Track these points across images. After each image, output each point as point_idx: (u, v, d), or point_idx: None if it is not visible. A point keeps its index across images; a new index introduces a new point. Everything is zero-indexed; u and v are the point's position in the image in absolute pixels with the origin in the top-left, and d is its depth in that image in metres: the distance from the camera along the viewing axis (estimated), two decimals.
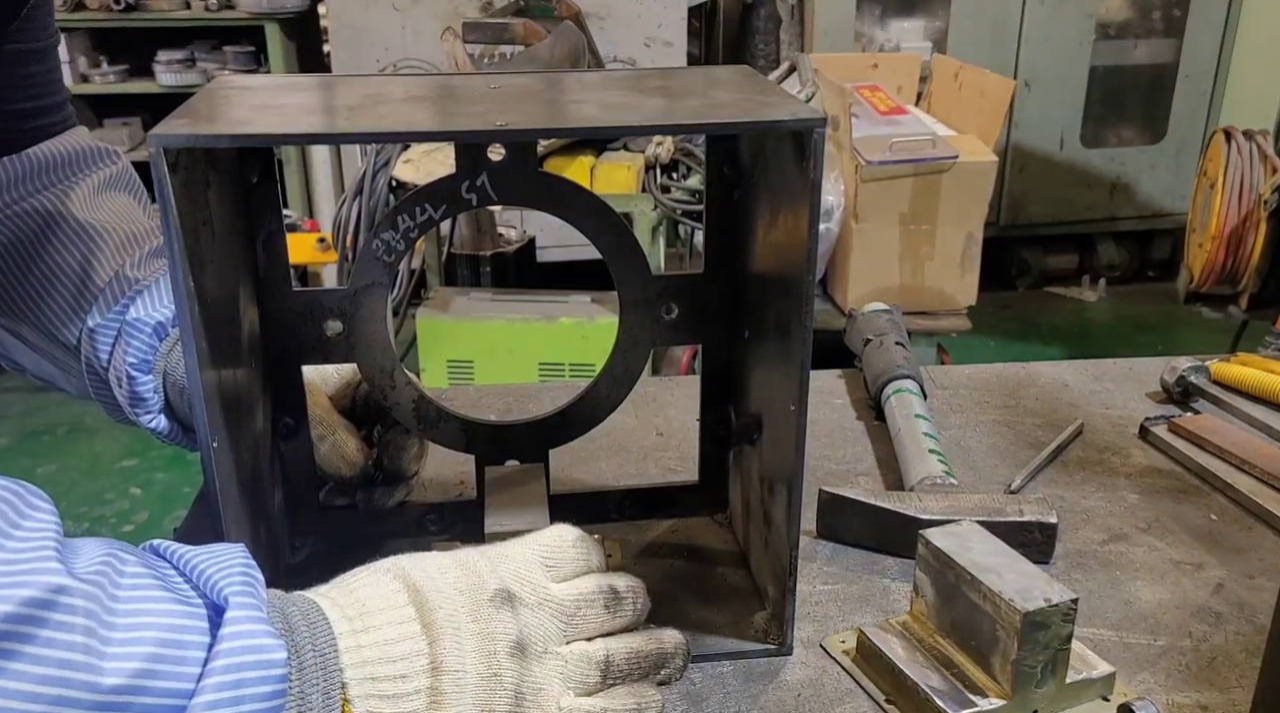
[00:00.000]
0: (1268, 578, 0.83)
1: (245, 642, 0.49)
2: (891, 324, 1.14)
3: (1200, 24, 4.04)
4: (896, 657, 0.71)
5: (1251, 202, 2.86)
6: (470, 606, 0.57)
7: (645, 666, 0.62)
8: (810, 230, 0.65)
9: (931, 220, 2.59)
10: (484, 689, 0.56)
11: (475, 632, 0.57)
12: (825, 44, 3.83)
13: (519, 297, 2.52)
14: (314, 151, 3.92)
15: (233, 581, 0.51)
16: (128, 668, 0.46)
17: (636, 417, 1.07)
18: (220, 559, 0.52)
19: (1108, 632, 0.77)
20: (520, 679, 0.58)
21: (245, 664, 0.48)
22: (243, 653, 0.49)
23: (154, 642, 0.47)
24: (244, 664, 0.48)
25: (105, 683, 0.45)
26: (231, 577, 0.51)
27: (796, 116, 0.64)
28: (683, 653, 0.64)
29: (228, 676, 0.48)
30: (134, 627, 0.47)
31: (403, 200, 0.75)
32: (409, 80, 0.76)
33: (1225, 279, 2.97)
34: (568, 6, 2.76)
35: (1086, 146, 4.12)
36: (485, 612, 0.58)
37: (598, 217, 0.78)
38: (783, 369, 0.71)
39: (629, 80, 0.80)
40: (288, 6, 3.89)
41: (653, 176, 2.42)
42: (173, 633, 0.48)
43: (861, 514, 0.86)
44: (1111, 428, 1.06)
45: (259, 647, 0.49)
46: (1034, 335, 3.93)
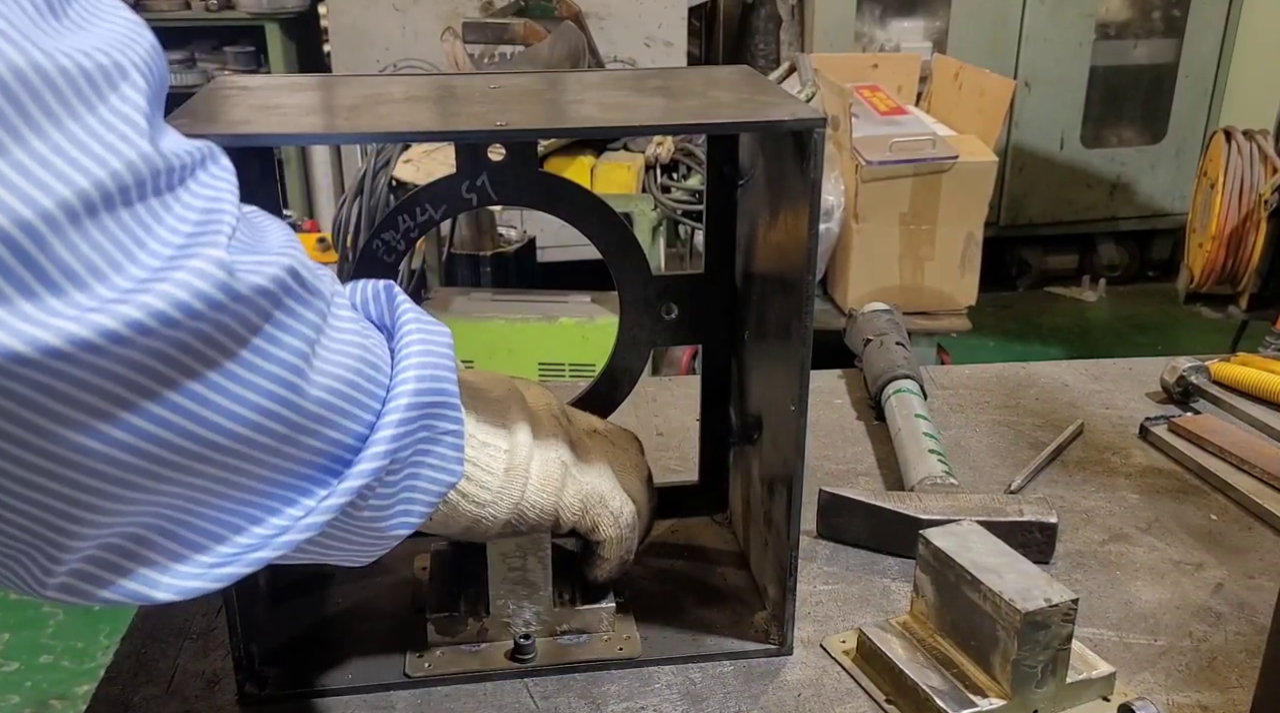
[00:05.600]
0: (1268, 578, 0.83)
1: (424, 322, 0.58)
2: (891, 324, 1.14)
3: (1200, 24, 4.04)
4: (896, 657, 0.71)
5: (1251, 202, 2.86)
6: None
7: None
8: (810, 230, 0.65)
9: (931, 220, 2.59)
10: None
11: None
12: (825, 44, 3.83)
13: (519, 297, 2.52)
14: (314, 151, 3.92)
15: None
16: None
17: (636, 417, 1.07)
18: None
19: (1108, 632, 0.77)
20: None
21: (430, 331, 0.57)
22: (425, 322, 0.57)
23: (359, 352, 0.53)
24: (429, 330, 0.57)
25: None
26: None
27: (796, 116, 0.64)
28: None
29: (423, 331, 0.56)
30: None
31: (403, 200, 0.75)
32: (409, 80, 0.76)
33: (1225, 279, 2.97)
34: (568, 6, 2.76)
35: (1086, 146, 4.12)
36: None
37: (598, 217, 0.78)
38: (783, 369, 0.71)
39: (629, 80, 0.80)
40: (288, 6, 3.89)
41: (653, 176, 2.42)
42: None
43: (861, 514, 0.86)
44: (1111, 428, 1.06)
45: (432, 322, 0.58)
46: (1034, 335, 3.92)
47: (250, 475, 0.47)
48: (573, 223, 0.78)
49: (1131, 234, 4.30)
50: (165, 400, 0.41)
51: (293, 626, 0.77)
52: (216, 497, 0.47)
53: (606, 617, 0.75)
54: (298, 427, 0.48)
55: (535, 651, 0.73)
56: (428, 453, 0.56)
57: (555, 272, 2.94)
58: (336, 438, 0.50)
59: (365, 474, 0.51)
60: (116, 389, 0.39)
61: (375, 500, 0.54)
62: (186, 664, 0.74)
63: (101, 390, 0.39)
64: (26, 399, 0.37)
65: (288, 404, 0.47)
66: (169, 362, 0.41)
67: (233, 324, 0.43)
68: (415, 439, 0.54)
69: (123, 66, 0.41)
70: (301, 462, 0.49)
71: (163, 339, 0.40)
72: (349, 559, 0.58)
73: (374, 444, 0.52)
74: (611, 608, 0.75)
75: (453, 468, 0.58)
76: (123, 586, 0.46)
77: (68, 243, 0.38)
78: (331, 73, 3.58)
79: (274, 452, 0.47)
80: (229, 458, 0.45)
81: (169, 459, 0.43)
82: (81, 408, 0.39)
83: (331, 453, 0.51)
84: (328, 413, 0.49)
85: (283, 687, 0.71)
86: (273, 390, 0.46)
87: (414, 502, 0.57)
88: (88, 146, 0.38)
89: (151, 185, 0.41)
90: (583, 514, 0.70)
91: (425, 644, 0.74)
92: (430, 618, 0.74)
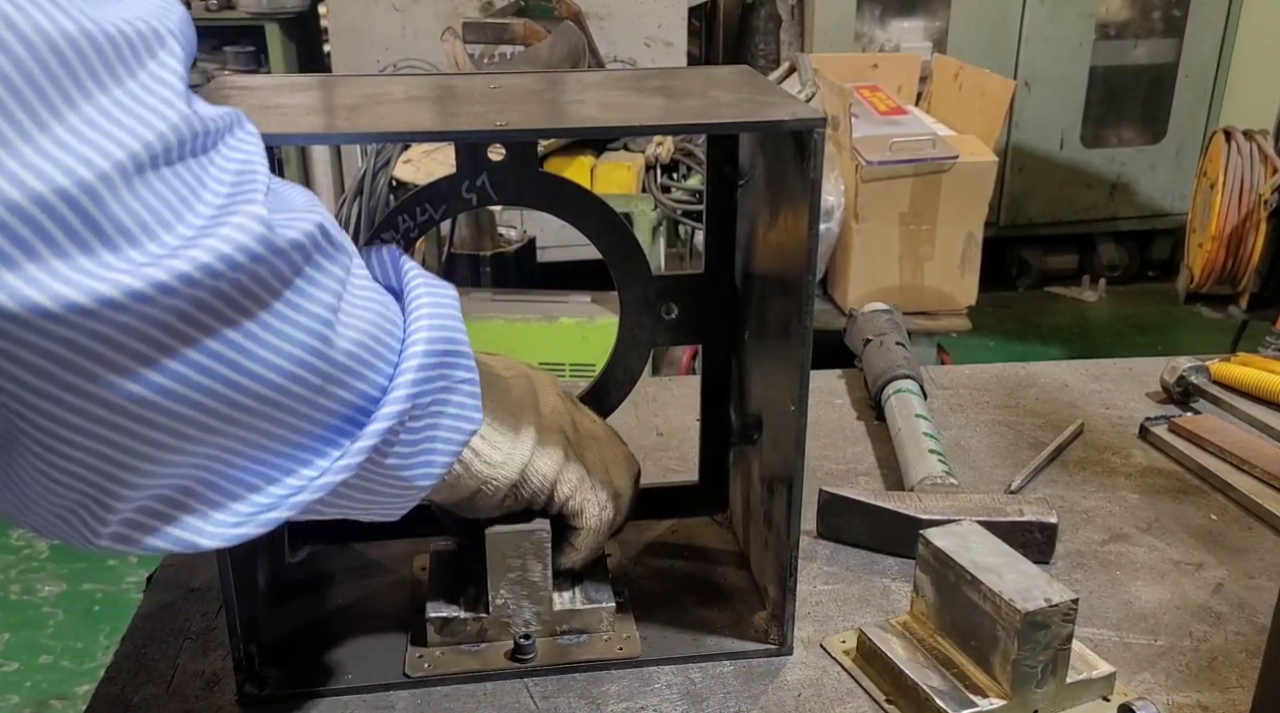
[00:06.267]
0: (1268, 578, 0.83)
1: (430, 280, 0.60)
2: (891, 324, 1.14)
3: (1200, 24, 4.04)
4: (896, 657, 0.71)
5: (1251, 202, 2.86)
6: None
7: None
8: (810, 230, 0.65)
9: (931, 220, 2.59)
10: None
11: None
12: (825, 44, 3.83)
13: (519, 297, 2.51)
14: (314, 151, 3.91)
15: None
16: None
17: (636, 417, 1.07)
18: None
19: (1108, 632, 0.77)
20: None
21: (437, 288, 0.59)
22: (431, 281, 0.59)
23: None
24: (436, 288, 0.59)
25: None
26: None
27: (796, 116, 0.64)
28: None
29: (430, 289, 0.58)
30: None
31: (403, 200, 0.75)
32: (409, 80, 0.76)
33: (1225, 279, 2.97)
34: (568, 6, 2.76)
35: (1086, 146, 4.11)
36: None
37: (598, 217, 0.78)
38: (783, 369, 0.71)
39: (629, 80, 0.80)
40: (288, 6, 3.89)
41: (653, 176, 2.42)
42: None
43: (861, 514, 0.86)
44: (1111, 428, 1.06)
45: (438, 280, 0.60)
46: (1034, 335, 3.92)
47: (287, 426, 0.50)
48: (573, 223, 0.78)
49: (1131, 234, 4.29)
50: (209, 349, 0.44)
51: (292, 626, 0.77)
52: (256, 447, 0.49)
53: (606, 617, 0.75)
54: (329, 377, 0.50)
55: (535, 651, 0.73)
56: (447, 402, 0.58)
57: (555, 272, 2.94)
58: (362, 389, 0.53)
59: (389, 417, 0.54)
60: (166, 338, 0.42)
61: (400, 448, 0.56)
62: (186, 664, 0.74)
63: (152, 339, 0.42)
64: (85, 348, 0.40)
65: (319, 355, 0.49)
66: (213, 312, 0.44)
67: (269, 277, 0.46)
68: (434, 387, 0.57)
69: (160, 33, 0.43)
70: (331, 412, 0.52)
71: (208, 290, 0.43)
72: (378, 512, 0.60)
73: (395, 390, 0.54)
74: (611, 608, 0.75)
75: (472, 415, 0.60)
76: (170, 533, 0.49)
77: (122, 202, 0.40)
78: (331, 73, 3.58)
79: (308, 402, 0.50)
80: (269, 407, 0.48)
81: (214, 408, 0.46)
82: (134, 356, 0.42)
83: (357, 404, 0.53)
84: (354, 364, 0.52)
85: (283, 687, 0.71)
86: (306, 341, 0.49)
87: (437, 451, 0.59)
88: (134, 110, 0.41)
89: (190, 146, 0.44)
90: (575, 493, 0.71)
91: (425, 644, 0.74)
92: (430, 618, 0.74)
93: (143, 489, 0.46)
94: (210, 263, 0.42)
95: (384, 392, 0.54)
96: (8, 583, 2.49)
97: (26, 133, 0.38)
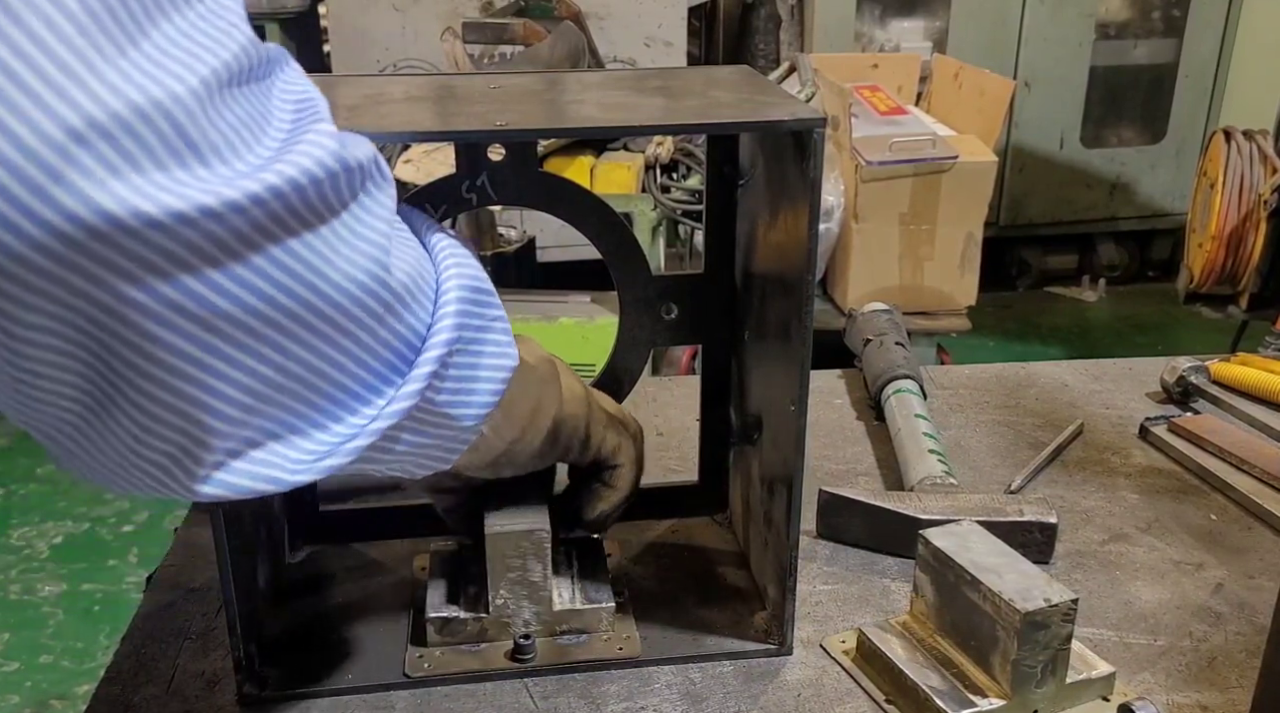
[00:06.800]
0: (1268, 578, 0.83)
1: (447, 232, 0.62)
2: (891, 324, 1.14)
3: (1200, 24, 4.04)
4: (896, 657, 0.71)
5: (1251, 202, 2.86)
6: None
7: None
8: (810, 230, 0.65)
9: (931, 220, 2.59)
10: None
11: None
12: (825, 44, 3.82)
13: (519, 297, 2.51)
14: None
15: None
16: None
17: (636, 417, 1.07)
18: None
19: (1108, 632, 0.77)
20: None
21: (456, 240, 0.61)
22: (449, 233, 0.62)
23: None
24: (454, 239, 0.61)
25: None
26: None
27: (796, 116, 0.64)
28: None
29: (449, 239, 0.61)
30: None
31: (403, 201, 0.75)
32: (409, 80, 0.76)
33: (1225, 279, 2.97)
34: (568, 6, 2.76)
35: (1086, 147, 4.11)
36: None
37: (598, 217, 0.78)
38: (783, 369, 0.71)
39: (629, 80, 0.80)
40: (288, 6, 3.88)
41: (653, 176, 2.42)
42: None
43: (861, 514, 0.86)
44: (1111, 428, 1.06)
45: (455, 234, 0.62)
46: (1034, 335, 3.92)
47: (361, 346, 0.52)
48: (573, 223, 0.78)
49: (1131, 234, 4.29)
50: (291, 250, 0.46)
51: (292, 626, 0.77)
52: (335, 367, 0.51)
53: (606, 617, 0.75)
54: (387, 305, 0.52)
55: (535, 651, 0.73)
56: (484, 340, 0.60)
57: (555, 272, 2.93)
58: (412, 323, 0.55)
59: (441, 345, 0.56)
60: (259, 238, 0.45)
61: (449, 383, 0.58)
62: (186, 664, 0.74)
63: (235, 251, 0.44)
64: (176, 256, 0.42)
65: (380, 280, 0.51)
66: (298, 218, 0.46)
67: (343, 190, 0.48)
68: (472, 325, 0.59)
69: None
70: (388, 345, 0.54)
71: (291, 201, 0.45)
72: (429, 460, 0.61)
73: (441, 320, 0.56)
74: (611, 608, 0.75)
75: (509, 351, 0.62)
76: (260, 472, 0.51)
77: (210, 118, 0.43)
78: (331, 73, 3.58)
79: (373, 326, 0.52)
80: (344, 321, 0.50)
81: (296, 312, 0.48)
82: (222, 266, 0.44)
83: (409, 339, 0.55)
84: (406, 296, 0.54)
85: (283, 687, 0.71)
86: (372, 256, 0.51)
87: (479, 390, 0.60)
88: (209, 31, 0.43)
89: (258, 70, 0.46)
90: (608, 432, 0.74)
91: (425, 644, 0.74)
92: (430, 618, 0.74)
93: (233, 423, 0.48)
94: (295, 177, 0.45)
95: (428, 329, 0.56)
96: (8, 583, 2.49)
97: (121, 46, 0.40)
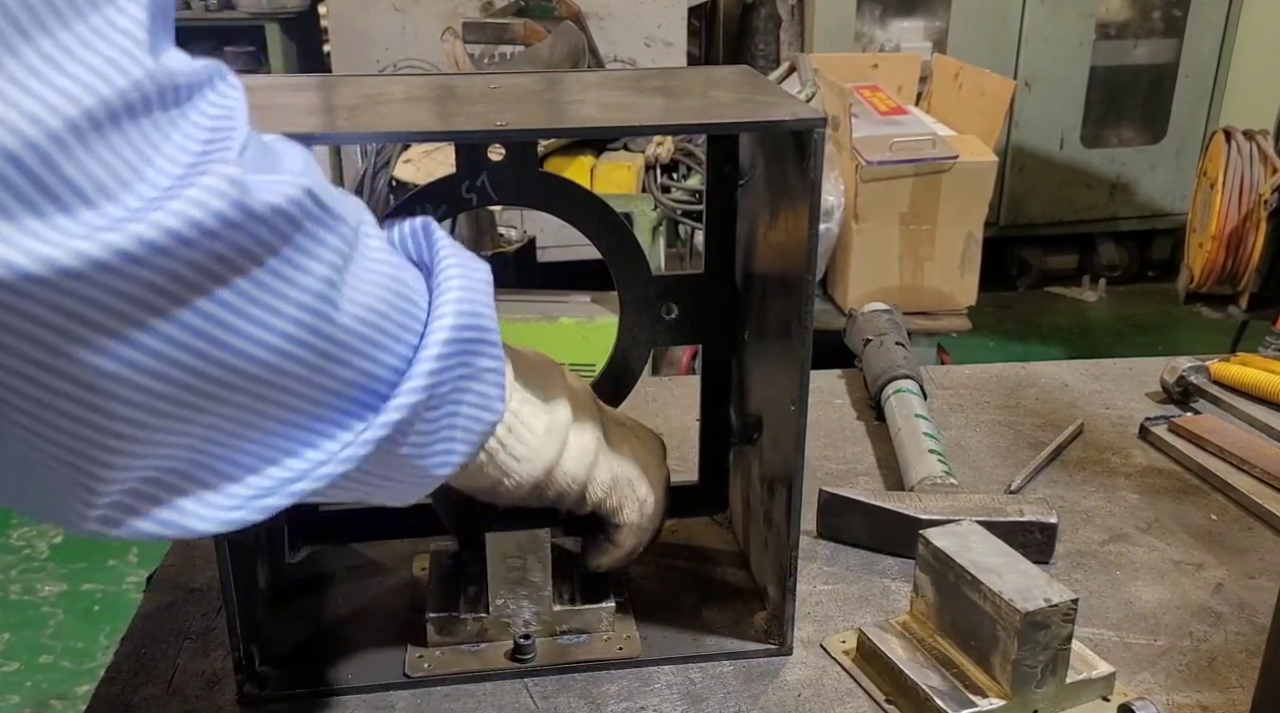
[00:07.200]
0: (1268, 578, 0.83)
1: (464, 257, 0.57)
2: (891, 324, 1.14)
3: (1200, 24, 4.04)
4: (896, 657, 0.71)
5: (1251, 202, 2.86)
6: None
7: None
8: (810, 230, 0.65)
9: (931, 220, 2.59)
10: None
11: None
12: (825, 44, 3.82)
13: (519, 297, 2.51)
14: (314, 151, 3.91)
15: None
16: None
17: (636, 417, 1.07)
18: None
19: (1108, 632, 0.77)
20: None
21: (469, 267, 0.56)
22: (465, 258, 0.57)
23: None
24: (468, 266, 0.56)
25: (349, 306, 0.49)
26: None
27: (796, 116, 0.64)
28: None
29: (462, 267, 0.56)
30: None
31: (403, 200, 0.75)
32: (409, 80, 0.76)
33: (1225, 279, 2.97)
34: (568, 6, 2.76)
35: (1086, 146, 4.11)
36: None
37: (598, 217, 0.78)
38: (783, 369, 0.71)
39: (629, 80, 0.80)
40: (288, 6, 3.89)
41: (653, 176, 2.42)
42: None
43: (861, 514, 0.86)
44: (1111, 428, 1.06)
45: (472, 258, 0.58)
46: (1034, 335, 3.92)
47: (282, 406, 0.47)
48: (573, 223, 0.78)
49: (1131, 234, 4.29)
50: (182, 322, 0.41)
51: (292, 626, 0.77)
52: (250, 427, 0.47)
53: (606, 617, 0.75)
54: (329, 356, 0.48)
55: (535, 651, 0.73)
56: (467, 390, 0.56)
57: (555, 272, 2.93)
58: (371, 370, 0.50)
59: (404, 407, 0.51)
60: (131, 309, 0.39)
61: (415, 437, 0.54)
62: (186, 664, 0.74)
63: (116, 311, 0.39)
64: (41, 319, 0.37)
65: (316, 332, 0.46)
66: (184, 282, 0.41)
67: (249, 244, 0.43)
68: (455, 375, 0.54)
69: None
70: (335, 393, 0.49)
71: (177, 258, 0.40)
72: (393, 498, 0.57)
73: (412, 377, 0.52)
74: (611, 608, 0.75)
75: (494, 406, 0.58)
76: (161, 517, 0.46)
77: (74, 160, 0.37)
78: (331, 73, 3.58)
79: (305, 381, 0.47)
80: (258, 386, 0.45)
81: (195, 385, 0.43)
82: (97, 328, 0.39)
83: (366, 385, 0.50)
84: (360, 343, 0.49)
85: (282, 687, 0.71)
86: (299, 316, 0.45)
87: (455, 440, 0.56)
88: (88, 62, 0.38)
89: (157, 102, 0.40)
90: (610, 493, 0.70)
91: (425, 644, 0.74)
92: (430, 618, 0.73)
93: (128, 469, 0.44)
94: (178, 228, 0.39)
95: (399, 373, 0.52)
96: (8, 583, 2.49)
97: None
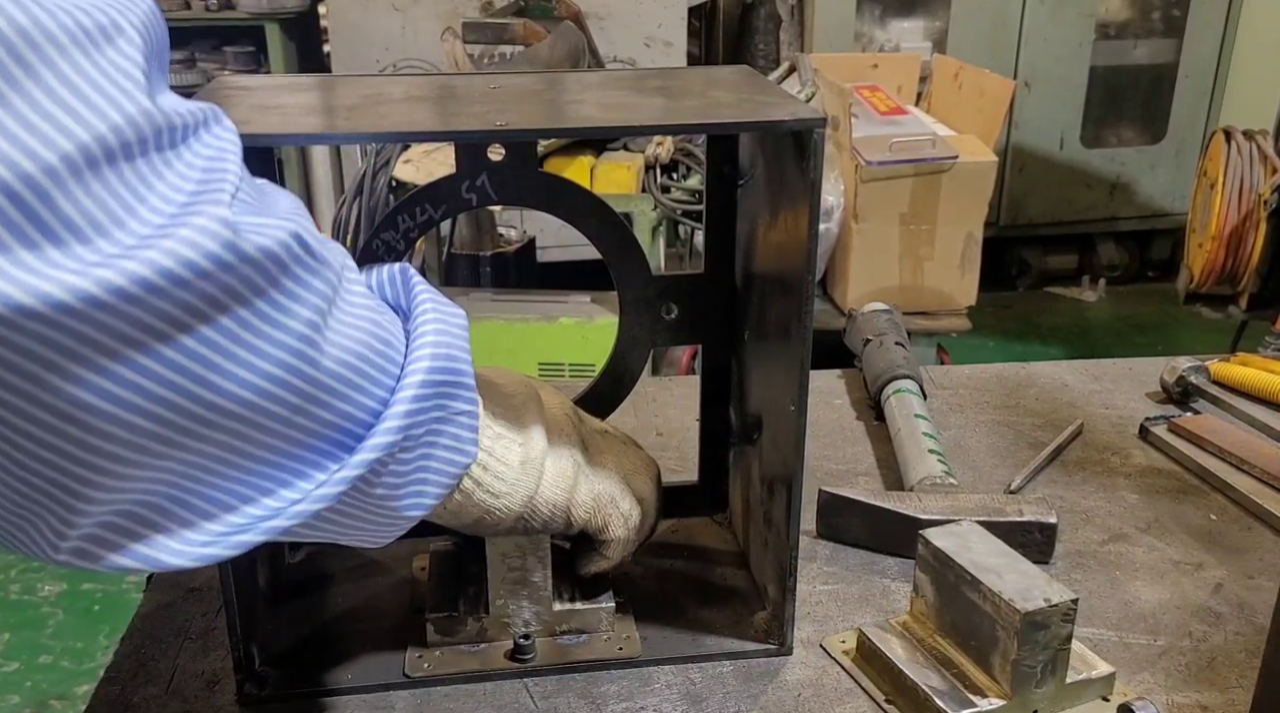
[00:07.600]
0: (1268, 578, 0.83)
1: (440, 303, 0.59)
2: (891, 324, 1.14)
3: (1200, 24, 4.04)
4: (896, 657, 0.71)
5: (1251, 202, 2.86)
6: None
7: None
8: (810, 230, 0.65)
9: (931, 220, 2.59)
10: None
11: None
12: (825, 44, 3.83)
13: (519, 297, 2.51)
14: (314, 151, 3.91)
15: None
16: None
17: (636, 417, 1.07)
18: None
19: (1108, 632, 0.77)
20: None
21: (446, 312, 0.58)
22: (441, 304, 0.58)
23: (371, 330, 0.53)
24: (444, 311, 0.58)
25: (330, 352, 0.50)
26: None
27: (796, 116, 0.64)
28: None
29: (438, 312, 0.57)
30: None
31: (403, 200, 0.75)
32: (409, 80, 0.76)
33: (1225, 279, 2.97)
34: (568, 6, 2.76)
35: (1086, 147, 4.12)
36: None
37: (598, 217, 0.78)
38: (783, 369, 0.71)
39: (629, 80, 0.80)
40: (288, 6, 3.89)
41: (653, 176, 2.42)
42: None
43: (861, 514, 0.86)
44: (1111, 428, 1.06)
45: (447, 303, 0.59)
46: (1034, 335, 3.92)
47: (261, 445, 0.48)
48: (573, 223, 0.78)
49: (1131, 234, 4.30)
50: (168, 359, 0.42)
51: (292, 626, 0.77)
52: (228, 465, 0.47)
53: (606, 617, 0.75)
54: (309, 397, 0.48)
55: (535, 651, 0.73)
56: (441, 433, 0.56)
57: (555, 272, 2.94)
58: (349, 411, 0.51)
59: (378, 448, 0.52)
60: (118, 345, 0.40)
61: (389, 478, 0.54)
62: (186, 664, 0.74)
63: (103, 345, 0.40)
64: (29, 351, 0.38)
65: (299, 373, 0.47)
66: (172, 320, 0.41)
67: (237, 285, 0.43)
68: (429, 417, 0.55)
69: (118, 24, 0.41)
70: (313, 434, 0.50)
71: (167, 296, 0.40)
72: (364, 539, 0.58)
73: (387, 419, 0.52)
74: (611, 608, 0.75)
75: (467, 449, 0.58)
76: (135, 550, 0.46)
77: (69, 196, 0.38)
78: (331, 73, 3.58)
79: (285, 421, 0.48)
80: (239, 424, 0.46)
81: (176, 422, 0.43)
82: (83, 362, 0.39)
83: (343, 426, 0.51)
84: (340, 385, 0.50)
85: (282, 687, 0.71)
86: (282, 358, 0.46)
87: (428, 482, 0.57)
88: (87, 98, 0.39)
89: (153, 142, 0.41)
90: (594, 513, 0.70)
91: (425, 644, 0.74)
92: (430, 618, 0.74)
93: (104, 503, 0.44)
94: (170, 267, 0.40)
95: (375, 415, 0.52)
96: (8, 583, 2.49)
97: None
